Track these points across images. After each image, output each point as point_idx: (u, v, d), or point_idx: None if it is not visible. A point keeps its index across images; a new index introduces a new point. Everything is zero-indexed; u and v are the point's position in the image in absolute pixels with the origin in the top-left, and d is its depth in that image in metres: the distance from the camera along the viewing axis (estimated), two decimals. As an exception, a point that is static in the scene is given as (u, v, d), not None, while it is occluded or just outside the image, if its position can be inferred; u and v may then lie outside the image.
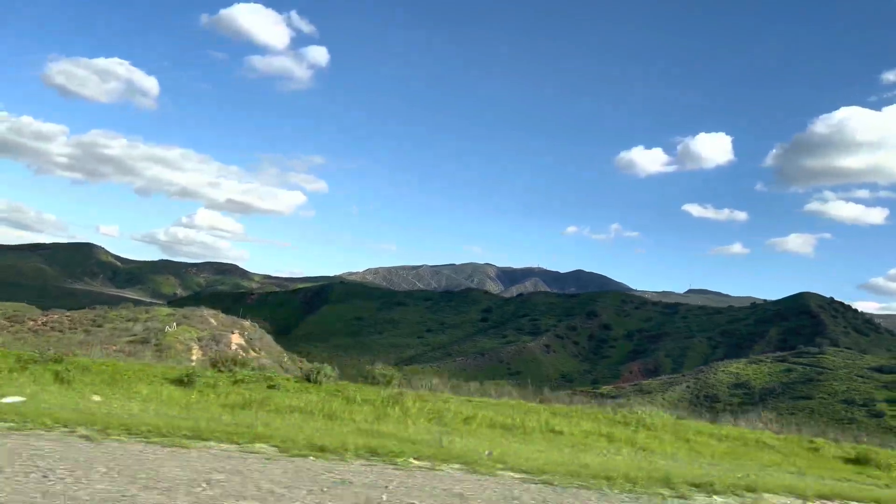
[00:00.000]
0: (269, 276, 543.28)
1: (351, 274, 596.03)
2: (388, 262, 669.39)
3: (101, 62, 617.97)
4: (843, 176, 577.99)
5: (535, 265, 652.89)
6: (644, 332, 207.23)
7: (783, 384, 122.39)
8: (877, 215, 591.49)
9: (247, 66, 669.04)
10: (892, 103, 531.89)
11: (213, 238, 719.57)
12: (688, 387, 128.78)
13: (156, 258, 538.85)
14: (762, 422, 23.79)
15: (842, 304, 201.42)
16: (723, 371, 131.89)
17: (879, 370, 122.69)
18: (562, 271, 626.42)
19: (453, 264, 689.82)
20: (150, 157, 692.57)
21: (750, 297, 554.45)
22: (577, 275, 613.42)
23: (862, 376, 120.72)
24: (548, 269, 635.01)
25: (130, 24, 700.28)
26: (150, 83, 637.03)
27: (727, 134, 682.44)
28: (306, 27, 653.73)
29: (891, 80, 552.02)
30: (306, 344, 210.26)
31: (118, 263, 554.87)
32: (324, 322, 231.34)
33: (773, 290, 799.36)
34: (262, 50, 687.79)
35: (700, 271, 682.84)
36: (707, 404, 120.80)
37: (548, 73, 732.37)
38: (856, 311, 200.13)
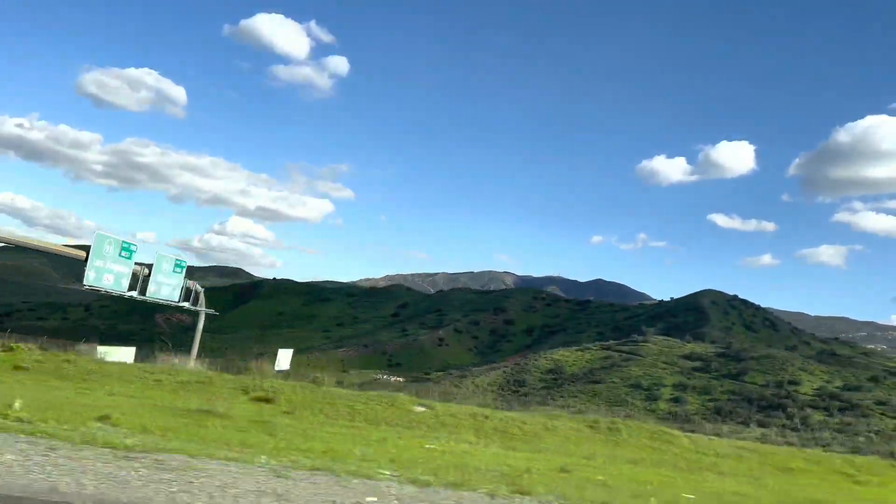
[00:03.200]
0: (275, 280, 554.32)
1: (368, 280, 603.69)
2: (418, 268, 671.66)
3: (132, 72, 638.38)
4: (871, 186, 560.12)
5: (556, 274, 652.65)
6: (546, 328, 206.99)
7: (590, 370, 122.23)
8: None
9: (270, 76, 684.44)
10: None
11: (246, 245, 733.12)
12: (504, 371, 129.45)
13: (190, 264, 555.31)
14: None
15: (743, 301, 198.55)
16: (544, 357, 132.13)
17: (688, 357, 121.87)
18: (581, 280, 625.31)
19: (472, 272, 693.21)
20: (182, 164, 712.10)
21: (772, 308, 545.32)
22: (597, 284, 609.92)
23: (669, 363, 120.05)
24: (567, 277, 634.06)
25: (156, 34, 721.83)
26: (179, 92, 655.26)
27: (750, 142, 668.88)
28: (326, 37, 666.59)
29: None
30: (214, 333, 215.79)
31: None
32: (244, 316, 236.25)
33: (802, 302, 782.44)
34: (284, 59, 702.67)
35: (728, 283, 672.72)
36: (513, 388, 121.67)
37: (568, 79, 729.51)
38: (758, 308, 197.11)
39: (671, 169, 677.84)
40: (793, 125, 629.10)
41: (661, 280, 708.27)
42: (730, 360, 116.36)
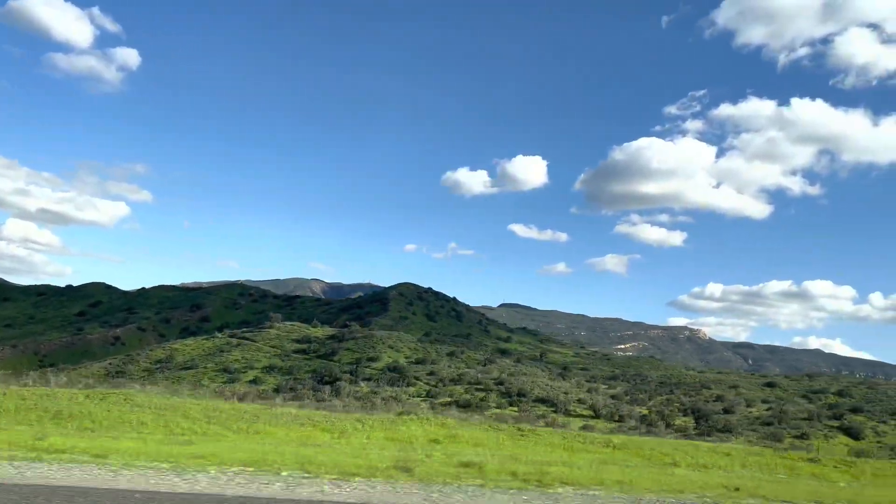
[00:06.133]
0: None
1: (164, 288, 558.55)
2: (225, 277, 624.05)
3: None
4: (644, 201, 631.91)
5: (367, 281, 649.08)
6: (244, 324, 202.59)
7: (197, 357, 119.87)
8: (677, 238, 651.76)
9: (48, 64, 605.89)
10: (674, 133, 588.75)
11: (27, 252, 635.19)
12: (110, 364, 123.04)
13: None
14: None
15: (436, 293, 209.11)
16: (162, 349, 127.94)
17: (298, 341, 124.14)
18: (389, 286, 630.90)
19: (277, 279, 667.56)
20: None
21: (558, 311, 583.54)
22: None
23: (276, 346, 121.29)
24: (378, 284, 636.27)
25: None
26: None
27: (543, 158, 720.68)
28: (111, 26, 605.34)
29: (672, 112, 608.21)
30: None
31: None
32: None
33: (591, 306, 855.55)
34: (63, 47, 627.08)
35: (527, 289, 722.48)
36: (111, 378, 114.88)
37: (371, 87, 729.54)
38: (448, 299, 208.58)
39: (474, 181, 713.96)
40: (578, 143, 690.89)
41: (469, 286, 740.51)
42: (334, 342, 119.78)
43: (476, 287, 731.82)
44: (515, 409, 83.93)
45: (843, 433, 73.07)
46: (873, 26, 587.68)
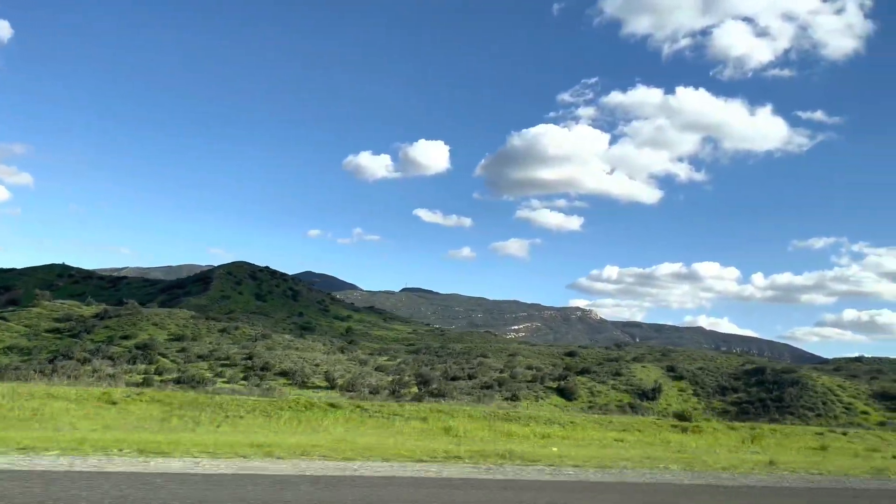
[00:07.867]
0: None
1: None
2: (114, 264, 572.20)
3: None
4: (542, 187, 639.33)
5: (266, 267, 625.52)
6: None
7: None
8: (574, 222, 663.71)
9: None
10: (568, 120, 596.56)
11: None
12: None
13: None
14: None
15: (272, 272, 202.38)
16: None
17: (58, 320, 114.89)
18: (289, 273, 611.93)
19: (169, 266, 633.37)
20: None
21: (458, 295, 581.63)
22: (306, 276, 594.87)
23: (30, 326, 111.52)
24: (275, 269, 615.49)
25: None
26: None
27: (445, 143, 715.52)
28: None
29: (566, 100, 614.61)
30: None
31: None
32: None
33: (492, 289, 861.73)
34: None
35: (433, 273, 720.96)
36: None
37: (271, 70, 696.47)
38: (285, 279, 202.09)
39: (376, 165, 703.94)
40: (478, 128, 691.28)
41: (375, 272, 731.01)
42: (96, 320, 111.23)
43: (382, 272, 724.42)
44: (245, 382, 79.10)
45: (558, 394, 71.85)
46: (748, 20, 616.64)
